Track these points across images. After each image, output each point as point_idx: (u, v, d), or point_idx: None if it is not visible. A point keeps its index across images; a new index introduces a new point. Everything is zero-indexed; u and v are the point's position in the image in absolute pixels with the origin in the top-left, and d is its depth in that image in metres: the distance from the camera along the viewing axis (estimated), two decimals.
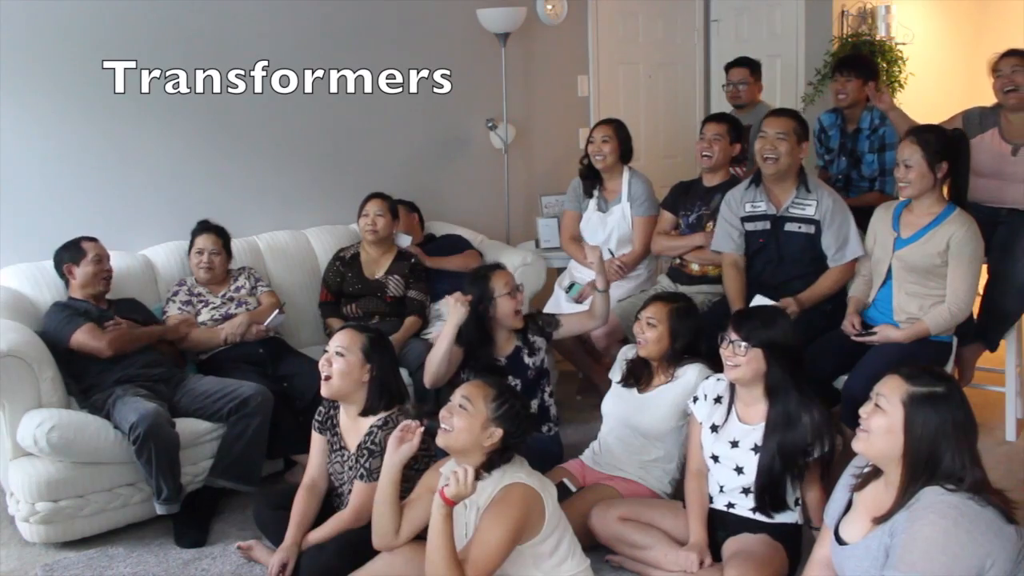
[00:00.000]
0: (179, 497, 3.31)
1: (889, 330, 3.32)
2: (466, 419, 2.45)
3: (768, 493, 2.75)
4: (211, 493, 3.46)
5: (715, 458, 2.86)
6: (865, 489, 2.17)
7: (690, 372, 3.13)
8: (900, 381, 2.07)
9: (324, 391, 2.89)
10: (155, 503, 3.29)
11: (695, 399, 2.97)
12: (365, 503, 2.81)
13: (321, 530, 2.86)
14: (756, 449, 2.77)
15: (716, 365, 2.99)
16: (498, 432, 2.45)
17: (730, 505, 2.85)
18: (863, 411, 2.13)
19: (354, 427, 2.93)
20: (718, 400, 2.90)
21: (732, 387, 2.88)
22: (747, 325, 2.76)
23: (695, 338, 3.18)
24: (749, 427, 2.81)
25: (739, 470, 2.80)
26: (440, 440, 2.52)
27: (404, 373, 3.86)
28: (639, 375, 3.24)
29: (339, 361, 2.84)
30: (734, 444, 2.82)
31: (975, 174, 3.65)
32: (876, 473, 2.17)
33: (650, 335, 3.14)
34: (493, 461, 2.47)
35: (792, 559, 2.77)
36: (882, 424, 2.06)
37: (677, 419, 3.12)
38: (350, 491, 2.88)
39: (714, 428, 2.87)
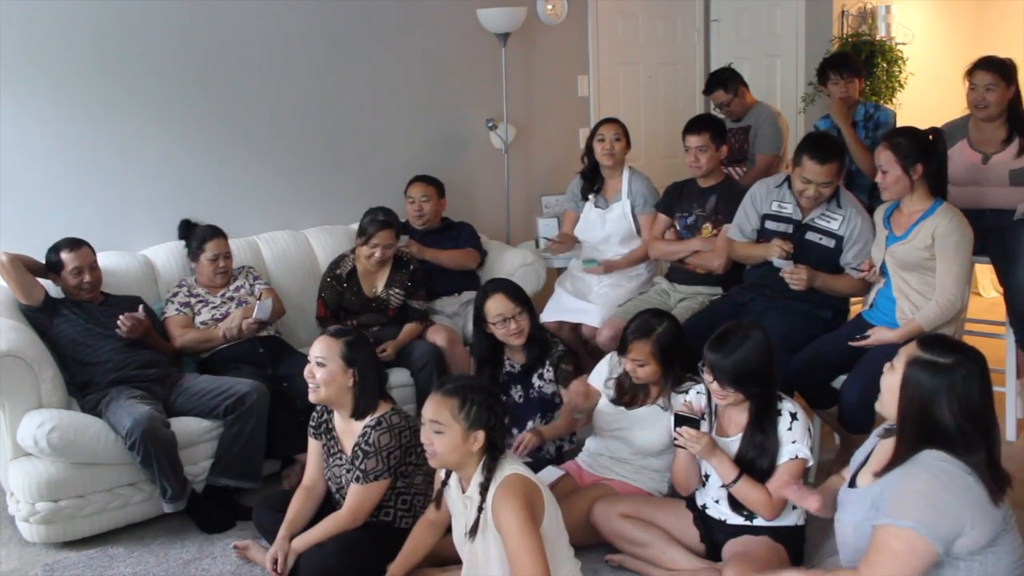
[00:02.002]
0: (185, 493, 3.32)
1: (883, 332, 3.32)
2: (446, 440, 2.44)
3: (742, 504, 2.77)
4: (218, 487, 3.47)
5: (707, 476, 2.86)
6: (887, 440, 2.24)
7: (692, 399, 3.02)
8: (914, 345, 2.17)
9: (312, 398, 2.91)
10: (162, 503, 3.31)
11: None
12: (361, 504, 2.82)
13: (316, 530, 2.86)
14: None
15: None
16: (480, 434, 2.44)
17: (725, 518, 2.85)
18: (885, 368, 2.24)
19: (348, 429, 2.94)
20: (702, 416, 2.84)
21: (710, 397, 2.86)
22: (717, 370, 2.71)
23: (688, 354, 3.11)
24: (728, 439, 2.80)
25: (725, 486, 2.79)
26: (433, 464, 2.55)
27: (406, 374, 3.90)
28: (628, 393, 3.15)
29: (321, 371, 2.86)
30: None
31: (952, 183, 3.64)
32: None
33: (643, 374, 3.05)
34: (491, 457, 2.47)
35: (794, 561, 2.76)
36: (889, 383, 2.17)
37: (671, 438, 3.01)
38: None
39: None
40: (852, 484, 2.28)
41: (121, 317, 3.53)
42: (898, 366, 2.16)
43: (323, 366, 2.85)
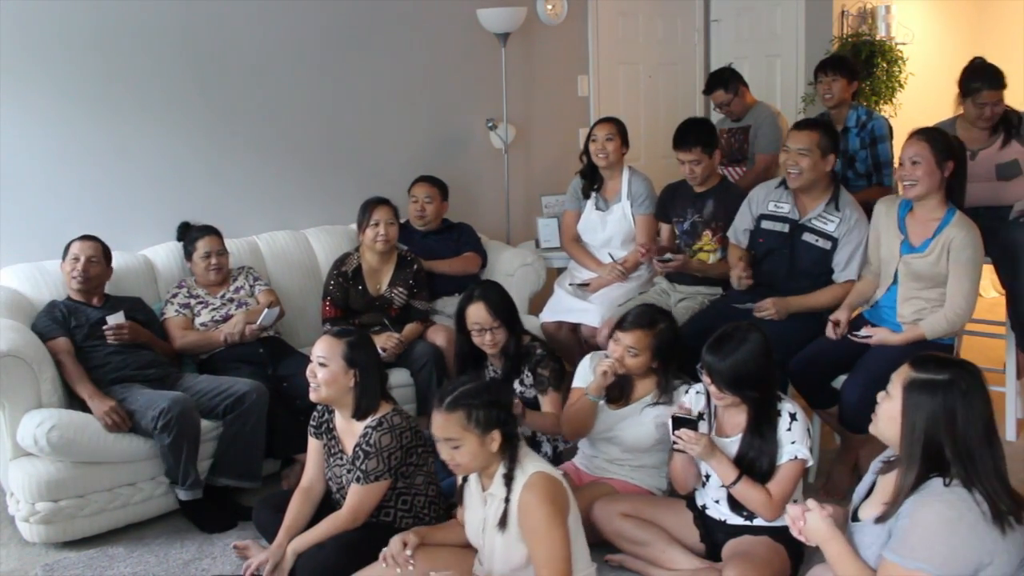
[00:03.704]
0: (201, 483, 3.35)
1: (886, 333, 3.32)
2: (465, 451, 2.45)
3: (741, 504, 2.77)
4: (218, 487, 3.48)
5: (707, 476, 2.86)
6: (889, 474, 2.19)
7: (685, 399, 3.01)
8: (907, 368, 2.10)
9: (313, 397, 2.91)
10: (178, 491, 3.33)
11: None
12: (362, 505, 2.82)
13: (315, 530, 2.86)
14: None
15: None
16: (496, 433, 2.46)
17: (725, 518, 2.85)
18: (879, 396, 2.17)
19: (349, 429, 2.93)
20: (700, 417, 2.84)
21: (709, 397, 2.86)
22: (715, 373, 2.71)
23: (682, 357, 3.09)
24: (727, 440, 2.80)
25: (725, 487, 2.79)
26: (460, 474, 2.57)
27: (406, 374, 3.91)
28: (612, 392, 3.12)
29: (322, 371, 2.86)
30: None
31: None
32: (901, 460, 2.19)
33: (632, 363, 3.04)
34: (510, 455, 2.49)
35: (794, 561, 2.76)
36: (887, 409, 2.10)
37: (662, 433, 2.99)
38: None
39: None
40: (855, 516, 2.22)
41: (107, 334, 3.52)
42: (894, 392, 2.09)
43: (324, 366, 2.85)
